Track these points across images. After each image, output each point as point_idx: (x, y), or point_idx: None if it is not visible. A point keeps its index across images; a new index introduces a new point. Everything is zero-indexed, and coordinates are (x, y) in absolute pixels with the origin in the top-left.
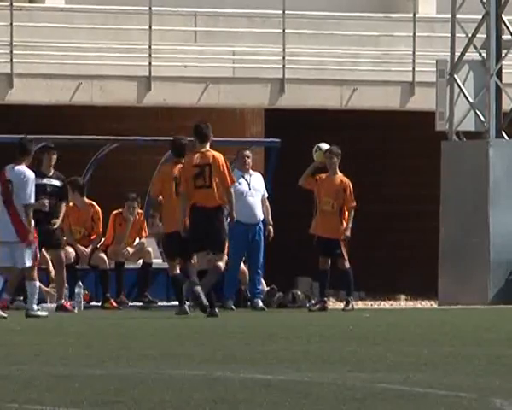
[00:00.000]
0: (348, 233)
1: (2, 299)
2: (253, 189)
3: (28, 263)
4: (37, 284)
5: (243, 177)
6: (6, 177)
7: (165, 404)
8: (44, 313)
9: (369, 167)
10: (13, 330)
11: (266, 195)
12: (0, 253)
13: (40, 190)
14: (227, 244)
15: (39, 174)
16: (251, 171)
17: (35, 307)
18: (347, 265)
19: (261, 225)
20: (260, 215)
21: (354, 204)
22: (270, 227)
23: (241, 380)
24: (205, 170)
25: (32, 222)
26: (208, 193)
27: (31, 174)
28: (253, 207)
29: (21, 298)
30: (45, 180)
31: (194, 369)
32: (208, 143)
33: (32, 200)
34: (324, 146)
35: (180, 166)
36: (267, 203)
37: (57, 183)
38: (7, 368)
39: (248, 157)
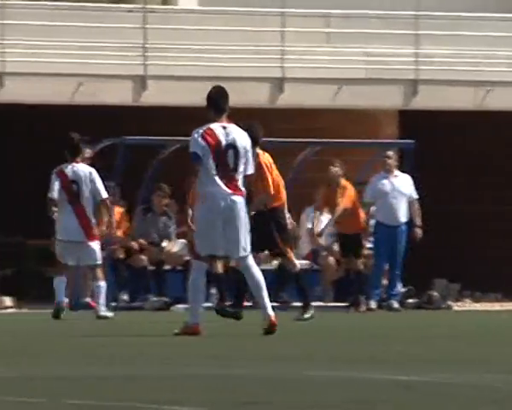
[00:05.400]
0: None
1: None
2: (397, 190)
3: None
4: None
5: (386, 178)
6: None
7: (299, 404)
8: (110, 314)
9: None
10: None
11: (415, 196)
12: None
13: None
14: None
15: None
16: (396, 172)
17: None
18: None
19: (403, 228)
20: (403, 218)
21: None
22: (417, 229)
23: (382, 381)
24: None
25: None
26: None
27: None
28: (394, 210)
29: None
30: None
31: (334, 370)
32: None
33: None
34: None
35: None
36: (416, 205)
37: None
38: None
39: (389, 158)
